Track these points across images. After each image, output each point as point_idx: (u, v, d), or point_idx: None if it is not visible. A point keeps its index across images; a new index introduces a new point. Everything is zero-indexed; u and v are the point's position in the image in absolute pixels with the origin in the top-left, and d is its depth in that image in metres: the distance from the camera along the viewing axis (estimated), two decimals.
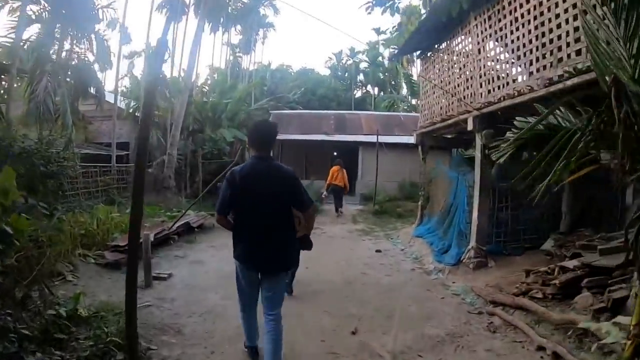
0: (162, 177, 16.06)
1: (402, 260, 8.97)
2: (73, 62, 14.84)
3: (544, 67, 6.23)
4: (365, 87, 49.70)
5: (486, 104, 7.72)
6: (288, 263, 3.91)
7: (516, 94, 6.75)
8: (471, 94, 8.60)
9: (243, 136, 19.27)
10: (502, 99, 7.19)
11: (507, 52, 7.32)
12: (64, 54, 15.09)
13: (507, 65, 7.41)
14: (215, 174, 19.34)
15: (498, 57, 7.73)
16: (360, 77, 48.58)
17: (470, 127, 8.13)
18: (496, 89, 7.59)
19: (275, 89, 38.89)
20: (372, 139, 18.23)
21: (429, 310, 5.84)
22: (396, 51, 17.28)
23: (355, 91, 48.23)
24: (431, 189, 11.44)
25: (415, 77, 42.26)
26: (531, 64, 6.55)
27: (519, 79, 7.01)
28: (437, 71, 10.78)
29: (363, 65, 47.95)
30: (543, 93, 6.00)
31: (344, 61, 48.86)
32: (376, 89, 48.14)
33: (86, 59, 14.85)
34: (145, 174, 12.23)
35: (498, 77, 7.61)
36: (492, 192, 8.21)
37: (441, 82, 10.41)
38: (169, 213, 12.03)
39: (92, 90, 15.25)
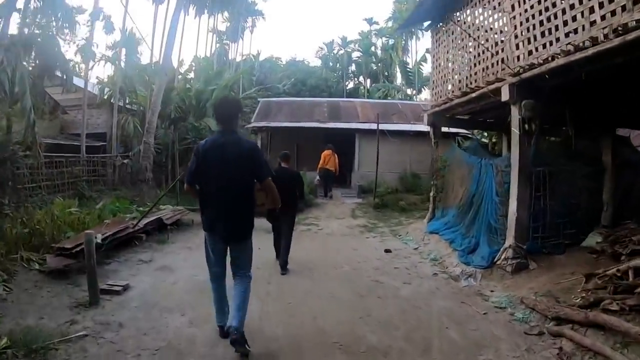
0: (137, 168, 14.34)
1: (419, 263, 7.38)
2: (38, 39, 12.95)
3: (612, 12, 4.76)
4: (357, 78, 47.94)
5: (527, 67, 6.19)
6: (247, 231, 3.92)
7: (573, 50, 5.24)
8: (503, 59, 7.11)
9: None
10: (550, 59, 5.68)
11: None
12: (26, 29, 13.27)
13: (555, 18, 5.86)
14: None
15: (542, 10, 6.15)
16: (352, 67, 46.87)
17: (505, 97, 6.64)
18: (540, 48, 6.11)
19: (264, 79, 37.05)
20: (370, 126, 16.75)
21: (474, 334, 4.29)
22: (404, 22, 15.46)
23: (347, 82, 46.49)
24: (445, 177, 9.87)
25: (411, 66, 40.97)
26: (592, 11, 5.06)
27: (577, 30, 5.45)
28: (453, 40, 9.22)
29: (355, 55, 46.31)
30: (616, 44, 4.55)
31: (335, 51, 46.99)
32: (368, 81, 46.52)
33: (50, 32, 12.94)
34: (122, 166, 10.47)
35: (542, 34, 6.07)
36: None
37: (459, 51, 8.89)
38: (141, 208, 10.34)
39: (59, 73, 13.41)
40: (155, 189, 14.14)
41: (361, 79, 47.54)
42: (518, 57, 6.64)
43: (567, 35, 5.59)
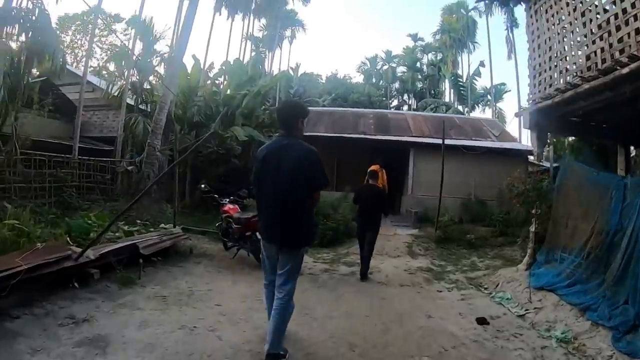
0: (138, 177, 11.81)
1: (543, 348, 4.24)
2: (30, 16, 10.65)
3: None
4: (402, 96, 44.93)
5: None
6: (300, 240, 3.72)
7: None
8: None
9: (259, 136, 15.36)
10: None
11: None
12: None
13: None
14: (221, 179, 15.20)
15: None
16: (397, 85, 44.03)
17: None
18: None
19: (303, 93, 34.58)
20: (428, 140, 14.07)
21: None
22: None
23: (391, 100, 43.55)
24: (557, 204, 6.71)
25: (464, 79, 38.02)
26: None
27: None
28: (568, 4, 6.28)
29: (400, 70, 43.55)
30: None
31: (379, 66, 44.27)
32: (413, 100, 43.53)
33: (46, 11, 10.56)
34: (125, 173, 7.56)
35: None
36: None
37: (581, 17, 5.93)
38: (127, 227, 7.70)
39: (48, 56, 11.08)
40: (160, 202, 11.46)
41: (405, 97, 44.69)
42: None
43: None
